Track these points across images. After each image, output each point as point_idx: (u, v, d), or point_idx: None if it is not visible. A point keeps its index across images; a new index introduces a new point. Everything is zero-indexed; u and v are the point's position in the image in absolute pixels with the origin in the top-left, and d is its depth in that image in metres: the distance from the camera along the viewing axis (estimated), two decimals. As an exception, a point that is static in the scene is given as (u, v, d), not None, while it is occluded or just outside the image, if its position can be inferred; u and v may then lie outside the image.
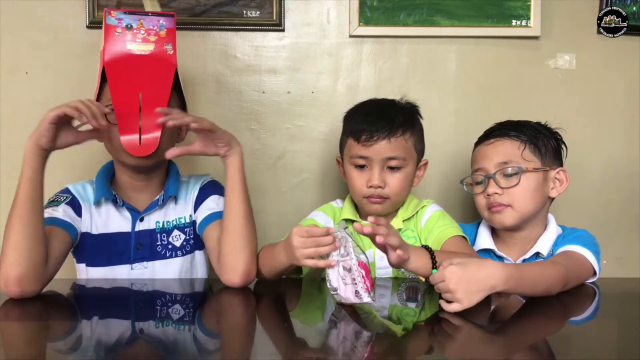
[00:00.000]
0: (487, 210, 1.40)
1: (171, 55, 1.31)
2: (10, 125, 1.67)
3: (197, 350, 0.94)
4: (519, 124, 1.43)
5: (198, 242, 1.39)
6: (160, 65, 1.30)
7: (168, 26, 1.31)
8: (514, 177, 1.36)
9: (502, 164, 1.38)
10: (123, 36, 1.29)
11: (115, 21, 1.29)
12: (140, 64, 1.29)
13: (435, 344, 0.98)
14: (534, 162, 1.38)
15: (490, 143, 1.42)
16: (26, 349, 0.94)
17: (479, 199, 1.42)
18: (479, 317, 1.06)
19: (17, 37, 1.66)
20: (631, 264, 1.77)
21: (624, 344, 1.00)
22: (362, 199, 1.39)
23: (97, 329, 1.01)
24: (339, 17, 1.71)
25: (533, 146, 1.39)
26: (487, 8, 1.70)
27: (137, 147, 1.25)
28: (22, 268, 1.12)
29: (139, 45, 1.29)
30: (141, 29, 1.30)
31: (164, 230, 1.37)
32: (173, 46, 1.32)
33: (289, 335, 1.02)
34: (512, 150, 1.38)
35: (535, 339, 1.01)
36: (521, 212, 1.37)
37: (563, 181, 1.40)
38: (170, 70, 1.30)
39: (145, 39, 1.30)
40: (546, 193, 1.40)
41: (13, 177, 1.70)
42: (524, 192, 1.36)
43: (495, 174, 1.38)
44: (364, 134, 1.35)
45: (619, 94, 1.76)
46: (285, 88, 1.73)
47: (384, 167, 1.36)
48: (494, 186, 1.38)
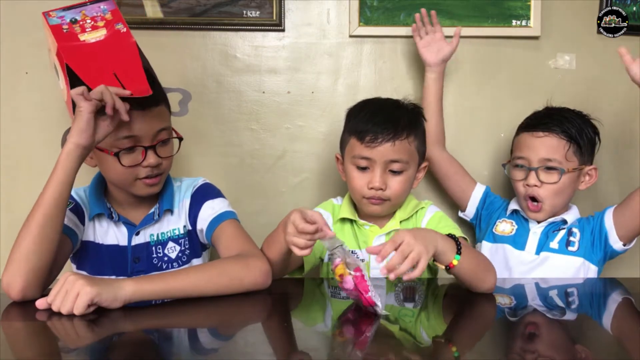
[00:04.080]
0: (524, 200, 1.51)
1: (125, 32, 1.27)
2: (10, 125, 1.67)
3: (198, 350, 0.94)
4: (566, 118, 1.50)
5: (194, 251, 1.38)
6: (120, 44, 1.26)
7: (110, 8, 1.29)
8: (554, 174, 1.47)
9: (546, 160, 1.47)
10: (72, 31, 1.25)
11: (58, 20, 1.26)
12: (100, 50, 1.24)
13: (436, 344, 0.98)
14: (574, 162, 1.48)
15: (538, 136, 1.49)
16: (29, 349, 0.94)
17: (518, 186, 1.52)
18: (479, 319, 1.06)
19: (17, 37, 1.66)
20: (631, 264, 1.77)
21: (624, 344, 1.00)
22: (361, 199, 1.38)
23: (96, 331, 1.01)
24: (339, 17, 1.71)
25: (576, 146, 1.48)
26: (487, 8, 1.70)
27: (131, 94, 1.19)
28: (27, 279, 1.10)
29: (90, 34, 1.25)
30: (86, 19, 1.27)
31: (159, 242, 1.35)
32: (124, 24, 1.28)
33: (290, 335, 1.02)
34: (557, 149, 1.47)
35: (535, 339, 1.01)
36: (553, 207, 1.50)
37: (592, 177, 1.52)
38: (132, 45, 1.26)
39: (94, 26, 1.26)
40: (577, 187, 1.52)
41: (13, 177, 1.71)
42: (559, 188, 1.47)
43: (538, 169, 1.47)
44: (368, 134, 1.33)
45: (619, 94, 1.76)
46: (285, 88, 1.73)
47: (386, 169, 1.35)
48: (535, 179, 1.47)
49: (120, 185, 1.30)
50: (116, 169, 1.25)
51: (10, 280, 1.11)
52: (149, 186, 1.28)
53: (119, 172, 1.25)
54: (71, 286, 1.01)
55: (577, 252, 1.49)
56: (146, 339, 0.99)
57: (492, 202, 1.63)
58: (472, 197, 1.62)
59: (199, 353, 0.92)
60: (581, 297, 1.30)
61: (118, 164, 1.24)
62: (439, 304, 1.24)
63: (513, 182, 1.54)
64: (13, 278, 1.10)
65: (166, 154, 1.30)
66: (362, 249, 1.39)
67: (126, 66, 1.23)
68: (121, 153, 1.23)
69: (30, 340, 0.99)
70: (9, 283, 1.11)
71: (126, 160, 1.24)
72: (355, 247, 1.40)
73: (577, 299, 1.28)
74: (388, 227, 1.40)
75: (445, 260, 1.13)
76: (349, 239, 1.42)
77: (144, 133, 1.24)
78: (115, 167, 1.25)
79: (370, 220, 1.42)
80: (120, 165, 1.24)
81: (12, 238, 1.68)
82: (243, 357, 0.91)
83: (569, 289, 1.35)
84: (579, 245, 1.50)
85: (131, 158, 1.25)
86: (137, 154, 1.25)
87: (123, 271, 1.32)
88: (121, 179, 1.27)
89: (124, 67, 1.23)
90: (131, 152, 1.25)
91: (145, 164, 1.25)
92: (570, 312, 1.16)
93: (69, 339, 0.98)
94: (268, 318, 1.14)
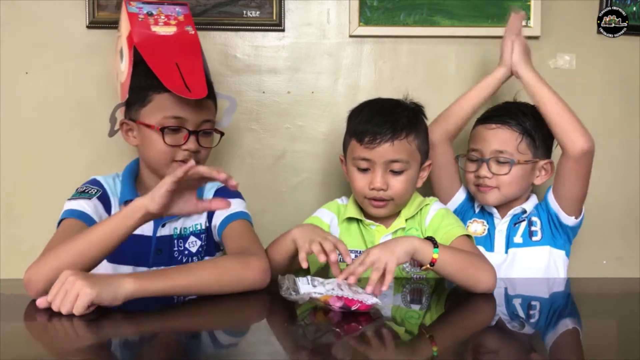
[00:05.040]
0: (474, 186, 1.53)
1: (193, 34, 1.40)
2: (10, 125, 1.67)
3: (199, 351, 0.94)
4: (521, 112, 1.51)
5: (210, 248, 1.40)
6: (185, 41, 1.38)
7: (184, 12, 1.42)
8: (505, 166, 1.48)
9: (498, 152, 1.48)
10: (146, 21, 1.36)
11: (136, 9, 1.36)
12: (167, 42, 1.35)
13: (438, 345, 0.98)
14: (527, 155, 1.49)
15: (491, 128, 1.50)
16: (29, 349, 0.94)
17: (469, 177, 1.54)
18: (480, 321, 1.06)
19: (17, 37, 1.66)
20: (631, 264, 1.77)
21: (624, 344, 1.00)
22: (364, 200, 1.38)
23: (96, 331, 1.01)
24: (339, 17, 1.71)
25: (530, 139, 1.49)
26: (487, 8, 1.70)
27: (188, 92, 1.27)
28: (50, 281, 1.06)
29: (162, 28, 1.37)
30: (161, 15, 1.38)
31: (181, 236, 1.37)
32: (193, 28, 1.41)
33: (290, 335, 1.02)
34: (509, 141, 1.48)
35: (534, 339, 1.01)
36: (505, 195, 1.50)
37: (548, 172, 1.52)
38: (196, 44, 1.38)
39: (167, 22, 1.38)
40: (531, 180, 1.53)
41: (13, 177, 1.70)
42: (511, 179, 1.48)
43: (489, 160, 1.48)
44: (366, 135, 1.34)
45: (619, 94, 1.76)
46: (285, 88, 1.73)
47: (386, 169, 1.35)
48: (486, 170, 1.49)
49: (156, 165, 1.33)
50: (158, 146, 1.30)
51: (34, 278, 1.09)
52: None
53: (159, 149, 1.30)
54: (71, 286, 1.00)
55: (541, 241, 1.50)
56: (146, 339, 0.99)
57: (464, 203, 1.60)
58: (456, 196, 1.59)
59: (200, 353, 0.92)
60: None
61: (161, 141, 1.29)
62: (441, 306, 1.24)
63: (465, 174, 1.55)
64: (37, 277, 1.09)
65: (206, 144, 1.35)
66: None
67: (188, 62, 1.33)
68: (166, 131, 1.29)
69: (30, 340, 0.99)
70: (31, 280, 1.10)
71: (169, 139, 1.30)
72: (362, 247, 1.40)
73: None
74: (394, 227, 1.40)
75: (427, 257, 1.16)
76: (356, 239, 1.42)
77: (191, 118, 1.30)
78: (157, 144, 1.30)
79: (376, 220, 1.42)
80: (163, 142, 1.29)
81: (12, 238, 1.69)
82: (245, 357, 0.91)
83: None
84: (542, 234, 1.51)
85: (174, 138, 1.30)
86: (180, 137, 1.31)
87: (144, 261, 1.33)
88: (159, 158, 1.31)
89: (186, 61, 1.33)
90: (175, 133, 1.30)
91: (185, 147, 1.30)
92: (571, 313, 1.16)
93: (69, 339, 0.98)
94: (269, 318, 1.14)
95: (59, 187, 1.68)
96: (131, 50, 1.34)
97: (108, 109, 1.67)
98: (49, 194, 1.68)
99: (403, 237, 1.25)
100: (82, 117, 1.68)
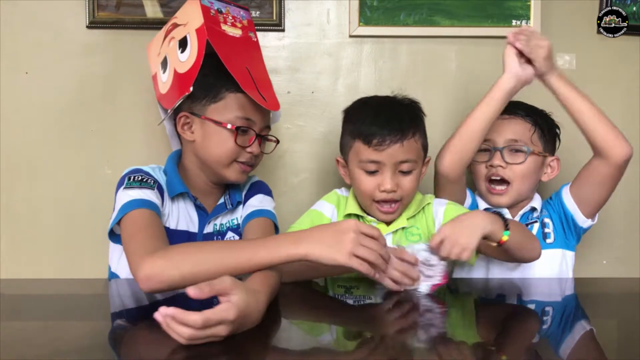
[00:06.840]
0: (485, 182, 1.49)
1: (255, 42, 1.40)
2: (10, 125, 1.67)
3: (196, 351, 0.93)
4: (530, 107, 1.51)
5: None
6: (250, 47, 1.38)
7: (247, 17, 1.42)
8: (520, 155, 1.46)
9: (513, 140, 1.46)
10: (216, 17, 1.34)
11: (208, 3, 1.34)
12: (236, 44, 1.34)
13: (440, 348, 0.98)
14: (539, 147, 1.48)
15: (504, 118, 1.47)
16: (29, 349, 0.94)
17: (479, 168, 1.50)
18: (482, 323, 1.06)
19: (17, 37, 1.66)
20: (631, 264, 1.77)
21: (624, 344, 1.00)
22: (371, 204, 1.36)
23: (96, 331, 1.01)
24: (339, 17, 1.71)
25: (540, 132, 1.48)
26: (487, 8, 1.70)
27: (264, 101, 1.28)
28: (176, 285, 1.03)
29: (230, 28, 1.35)
30: (229, 15, 1.37)
31: (220, 232, 1.37)
32: (255, 35, 1.41)
33: (291, 336, 1.02)
34: (523, 131, 1.47)
35: (534, 340, 1.01)
36: (518, 192, 1.47)
37: (555, 169, 1.51)
38: (259, 51, 1.39)
39: (234, 24, 1.37)
40: (539, 177, 1.51)
41: (13, 177, 1.70)
42: (525, 171, 1.45)
43: (503, 149, 1.45)
44: (375, 137, 1.31)
45: (619, 94, 1.76)
46: (285, 88, 1.73)
47: (395, 170, 1.33)
48: (499, 159, 1.46)
49: (217, 163, 1.31)
50: (227, 144, 1.29)
51: (157, 277, 1.03)
52: (242, 172, 1.33)
53: (228, 147, 1.29)
54: (214, 334, 0.90)
55: (554, 243, 1.49)
56: (146, 339, 0.99)
57: (471, 206, 1.54)
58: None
59: (197, 353, 0.92)
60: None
61: (231, 140, 1.28)
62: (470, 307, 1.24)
63: (473, 166, 1.49)
64: (161, 277, 1.03)
65: (265, 150, 1.38)
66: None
67: (256, 68, 1.34)
68: (239, 130, 1.29)
69: (30, 340, 0.99)
70: (152, 278, 1.03)
71: (239, 139, 1.29)
72: None
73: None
74: (395, 225, 1.38)
75: (495, 239, 1.20)
76: None
77: (259, 121, 1.32)
78: (227, 142, 1.29)
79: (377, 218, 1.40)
80: (234, 141, 1.28)
81: (12, 238, 1.69)
82: (245, 357, 0.91)
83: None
84: (555, 236, 1.50)
85: (243, 139, 1.30)
86: (247, 139, 1.31)
87: None
88: (226, 156, 1.30)
89: (254, 68, 1.33)
90: (244, 135, 1.30)
91: (250, 150, 1.31)
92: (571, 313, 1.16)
93: (70, 339, 0.98)
94: (268, 317, 1.14)
95: (59, 187, 1.68)
96: (202, 43, 1.28)
97: (108, 109, 1.68)
98: (49, 194, 1.68)
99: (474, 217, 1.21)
100: (82, 117, 1.68)
